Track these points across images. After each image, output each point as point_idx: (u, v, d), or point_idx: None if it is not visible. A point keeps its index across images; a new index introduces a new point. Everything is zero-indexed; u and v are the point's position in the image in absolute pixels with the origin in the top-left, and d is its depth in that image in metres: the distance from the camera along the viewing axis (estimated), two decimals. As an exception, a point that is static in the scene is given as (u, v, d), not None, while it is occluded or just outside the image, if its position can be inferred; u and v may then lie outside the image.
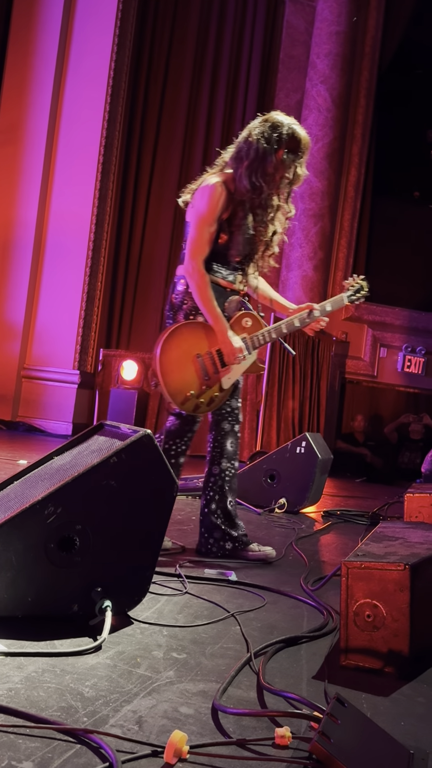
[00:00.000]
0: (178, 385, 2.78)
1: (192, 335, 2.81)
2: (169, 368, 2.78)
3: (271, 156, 2.71)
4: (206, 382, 2.80)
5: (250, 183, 2.71)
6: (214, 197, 2.73)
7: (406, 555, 1.92)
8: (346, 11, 8.82)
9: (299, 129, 2.78)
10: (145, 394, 7.66)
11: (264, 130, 2.74)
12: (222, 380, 2.84)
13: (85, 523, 1.85)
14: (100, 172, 7.88)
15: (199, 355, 2.80)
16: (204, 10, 8.72)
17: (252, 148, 2.73)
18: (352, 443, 9.13)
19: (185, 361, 2.79)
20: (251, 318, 2.91)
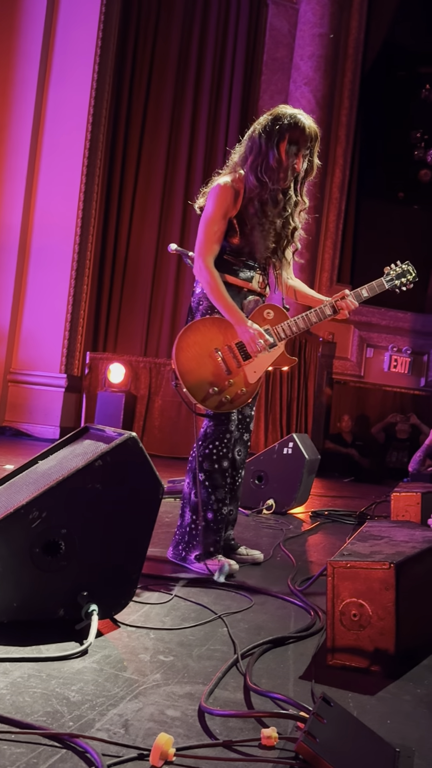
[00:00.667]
0: (197, 382, 2.66)
1: (208, 330, 2.70)
2: (188, 366, 2.67)
3: (272, 150, 2.62)
4: (228, 377, 2.68)
5: (256, 179, 2.64)
6: (220, 196, 2.66)
7: (391, 554, 1.93)
8: (329, 13, 8.86)
9: (304, 118, 2.66)
10: (132, 397, 7.64)
11: (266, 124, 2.66)
12: (247, 374, 2.71)
13: (71, 527, 1.84)
14: (84, 174, 7.86)
15: (217, 349, 2.68)
16: (187, 13, 8.73)
17: (255, 143, 2.66)
18: (340, 443, 9.15)
19: (203, 357, 2.68)
20: (273, 309, 2.78)
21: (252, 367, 2.72)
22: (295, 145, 2.64)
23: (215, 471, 2.76)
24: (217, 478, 2.76)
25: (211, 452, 2.76)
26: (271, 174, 2.64)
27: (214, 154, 8.78)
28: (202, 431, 2.81)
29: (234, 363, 2.69)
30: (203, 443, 2.78)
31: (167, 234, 8.54)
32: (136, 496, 1.98)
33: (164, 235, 8.57)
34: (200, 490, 2.76)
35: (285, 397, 8.35)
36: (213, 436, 2.77)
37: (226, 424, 2.77)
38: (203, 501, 2.76)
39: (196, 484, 2.77)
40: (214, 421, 2.77)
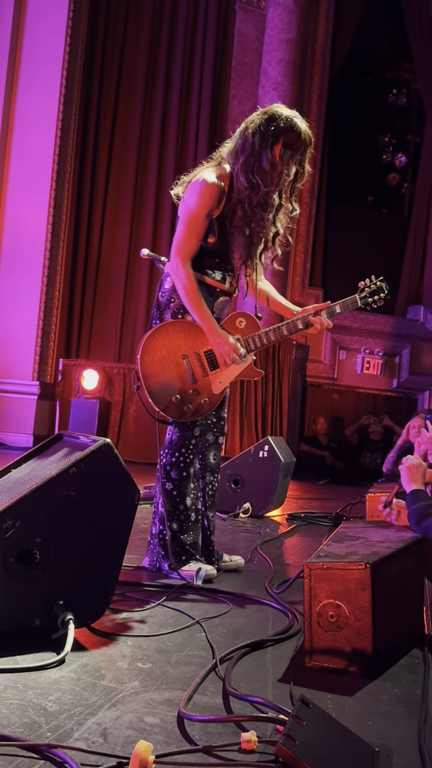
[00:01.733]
0: (161, 388, 2.58)
1: (177, 334, 2.61)
2: (152, 370, 2.57)
3: (266, 151, 2.52)
4: (193, 386, 2.60)
5: (246, 180, 2.54)
6: (205, 194, 2.56)
7: (367, 554, 1.94)
8: (296, 19, 8.94)
9: (299, 122, 2.57)
10: (106, 404, 7.60)
11: (260, 123, 2.54)
12: (212, 384, 2.64)
13: (45, 536, 1.82)
14: (54, 180, 7.82)
15: (185, 356, 2.60)
16: (155, 19, 8.74)
17: (247, 142, 2.55)
18: (315, 446, 9.21)
19: (169, 362, 2.59)
20: (246, 318, 2.71)
21: (218, 378, 2.65)
22: (290, 150, 2.56)
23: (183, 479, 2.72)
24: (186, 485, 2.73)
25: (178, 460, 2.71)
26: (264, 176, 2.55)
27: (184, 160, 8.79)
28: (167, 438, 2.76)
29: (200, 371, 2.62)
30: (169, 451, 2.72)
31: (139, 239, 8.52)
32: (111, 503, 1.97)
33: (136, 240, 8.55)
34: (166, 499, 2.73)
35: (260, 401, 8.38)
36: (179, 443, 2.71)
37: (191, 430, 2.72)
38: (169, 510, 2.72)
39: (163, 494, 2.74)
40: (179, 427, 2.71)
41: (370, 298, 2.81)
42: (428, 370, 10.04)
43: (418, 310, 10.02)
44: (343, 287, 10.10)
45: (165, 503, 2.73)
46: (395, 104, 10.51)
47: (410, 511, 2.32)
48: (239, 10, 9.20)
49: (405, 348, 9.90)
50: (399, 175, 10.51)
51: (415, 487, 2.39)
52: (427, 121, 10.31)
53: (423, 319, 9.97)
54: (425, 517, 2.25)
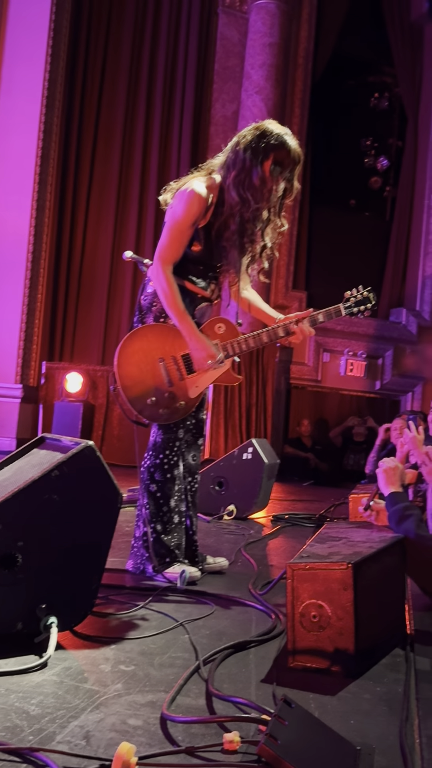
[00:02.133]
0: (137, 390, 2.60)
1: (155, 337, 2.64)
2: (129, 371, 2.61)
3: (257, 167, 2.55)
4: (169, 389, 2.62)
5: (238, 195, 2.58)
6: (193, 203, 2.58)
7: (349, 554, 1.95)
8: (279, 23, 8.98)
9: (290, 140, 2.60)
10: (90, 407, 7.58)
11: (252, 139, 2.58)
12: (188, 388, 2.65)
13: (28, 540, 1.81)
14: (37, 183, 7.79)
15: (161, 359, 2.63)
16: (138, 21, 8.74)
17: (239, 157, 2.59)
18: (299, 448, 9.24)
19: (146, 365, 2.61)
20: (225, 324, 2.72)
21: (194, 382, 2.67)
22: (279, 166, 2.59)
23: (167, 480, 2.73)
24: (170, 487, 2.74)
25: (162, 462, 2.72)
26: (254, 192, 2.58)
27: (167, 162, 8.79)
28: (151, 440, 2.77)
29: (177, 375, 2.64)
30: (153, 453, 2.74)
31: (122, 241, 8.51)
32: (94, 506, 1.96)
33: (119, 242, 8.53)
34: (150, 501, 2.73)
35: (244, 403, 8.39)
36: (162, 445, 2.73)
37: (175, 432, 2.73)
38: (153, 512, 2.72)
39: (147, 496, 2.74)
40: (163, 429, 2.73)
41: (356, 308, 2.82)
42: (411, 372, 10.12)
43: (400, 313, 10.10)
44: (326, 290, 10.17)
45: (149, 504, 2.74)
46: (377, 108, 10.59)
47: (390, 513, 2.34)
48: (222, 13, 9.23)
49: (388, 350, 9.96)
50: (381, 179, 10.59)
51: (393, 489, 2.42)
52: (408, 125, 10.41)
53: (405, 321, 10.04)
54: (404, 518, 2.27)
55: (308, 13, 9.61)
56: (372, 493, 2.64)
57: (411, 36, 10.28)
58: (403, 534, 2.26)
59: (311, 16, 9.63)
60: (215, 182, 2.67)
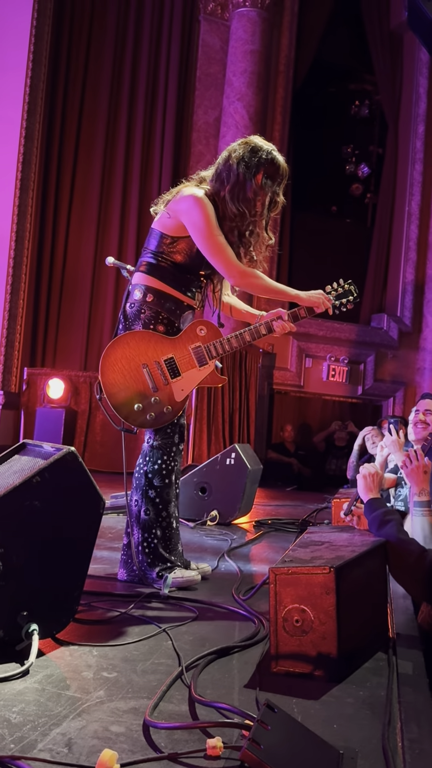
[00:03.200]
0: (123, 397, 2.61)
1: (137, 344, 2.65)
2: (114, 379, 2.62)
3: (250, 181, 2.67)
4: (154, 394, 2.63)
5: (236, 208, 2.67)
6: (206, 208, 2.66)
7: (331, 558, 1.96)
8: (260, 30, 9.03)
9: (278, 155, 2.75)
10: (72, 413, 7.54)
11: (244, 154, 2.69)
12: (174, 391, 2.66)
13: (9, 546, 1.80)
14: (18, 189, 7.75)
15: (145, 364, 2.64)
16: (119, 29, 8.75)
17: (232, 171, 2.68)
18: (283, 453, 9.26)
19: (131, 371, 2.63)
20: (206, 326, 2.73)
21: (180, 385, 2.68)
22: (269, 180, 2.72)
23: (166, 486, 2.75)
24: (169, 492, 2.76)
25: (161, 467, 2.74)
26: (248, 205, 2.69)
27: (150, 168, 8.79)
28: (146, 447, 2.78)
29: (161, 380, 2.65)
30: (150, 459, 2.75)
31: (105, 247, 8.49)
32: (76, 513, 1.96)
33: (102, 248, 8.51)
34: (149, 506, 2.74)
35: (227, 409, 8.39)
36: (160, 451, 2.75)
37: (172, 437, 2.75)
38: (153, 518, 2.73)
39: (146, 502, 2.75)
40: (160, 434, 2.74)
41: (337, 301, 2.85)
42: (392, 377, 10.19)
43: (381, 318, 10.17)
44: (308, 295, 10.09)
45: (148, 510, 2.74)
46: (358, 115, 10.68)
47: (370, 520, 2.36)
48: (203, 20, 9.27)
49: (369, 355, 10.03)
50: (362, 186, 10.67)
51: (371, 496, 2.44)
52: (389, 133, 10.50)
53: (386, 327, 10.11)
54: (385, 523, 2.29)
55: (289, 21, 9.68)
56: (352, 498, 2.66)
57: (391, 44, 10.39)
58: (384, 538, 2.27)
59: (292, 23, 9.71)
60: (208, 192, 2.72)
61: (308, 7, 9.84)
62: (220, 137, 9.05)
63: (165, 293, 2.72)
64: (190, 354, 2.69)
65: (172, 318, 2.72)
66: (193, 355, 2.69)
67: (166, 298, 2.72)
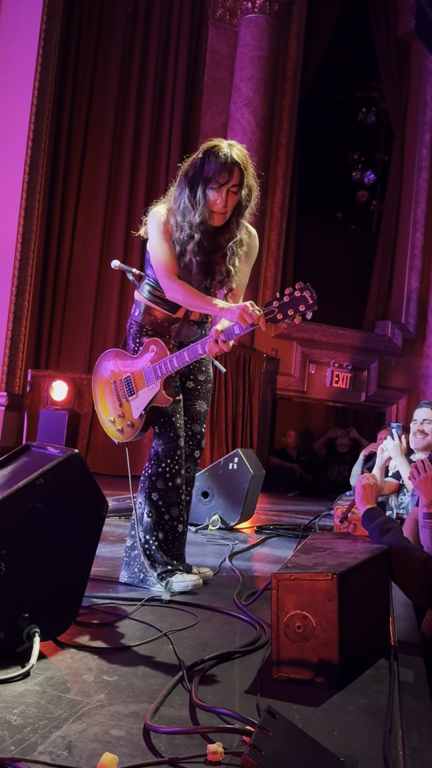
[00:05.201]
0: (100, 411, 2.83)
1: (108, 362, 2.84)
2: (96, 393, 2.85)
3: (185, 189, 2.53)
4: (119, 410, 2.76)
5: (174, 221, 2.58)
6: (158, 225, 2.63)
7: (334, 565, 1.95)
8: (268, 37, 9.07)
9: (224, 149, 2.47)
10: (75, 415, 7.54)
11: (190, 160, 2.58)
12: (132, 410, 2.72)
13: (11, 548, 1.80)
14: (25, 191, 7.78)
15: (113, 381, 2.79)
16: (128, 33, 8.78)
17: (179, 182, 2.59)
18: (285, 458, 9.25)
19: (106, 387, 2.82)
20: (156, 345, 2.66)
21: (135, 404, 2.72)
22: (213, 182, 2.48)
23: (169, 489, 2.75)
24: (172, 496, 2.76)
25: (164, 470, 2.75)
26: (187, 214, 2.53)
27: (156, 173, 8.82)
28: (152, 451, 2.80)
29: (122, 397, 2.76)
30: (155, 462, 2.76)
31: (110, 250, 8.51)
32: (79, 515, 1.95)
33: (107, 252, 8.53)
34: (152, 509, 2.74)
35: (230, 413, 8.39)
36: (164, 454, 2.76)
37: (176, 441, 2.77)
38: (155, 521, 2.74)
39: (149, 504, 2.75)
40: (164, 439, 2.76)
41: (279, 313, 2.38)
42: (396, 384, 10.18)
43: (385, 325, 10.17)
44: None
45: (151, 513, 2.75)
46: (364, 122, 10.71)
47: (370, 530, 2.36)
48: (212, 26, 9.31)
49: (373, 362, 10.02)
50: (368, 193, 10.68)
51: (369, 506, 2.44)
52: (395, 140, 10.52)
53: (390, 334, 10.11)
54: (385, 532, 2.29)
55: (297, 28, 9.71)
56: (349, 505, 2.65)
57: (398, 52, 10.42)
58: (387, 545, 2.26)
59: (300, 30, 9.74)
60: (170, 207, 2.67)
61: (316, 15, 9.87)
62: (227, 142, 9.07)
63: (146, 306, 2.80)
64: (142, 373, 2.67)
65: (155, 329, 2.77)
66: (143, 374, 2.66)
67: (146, 311, 2.79)
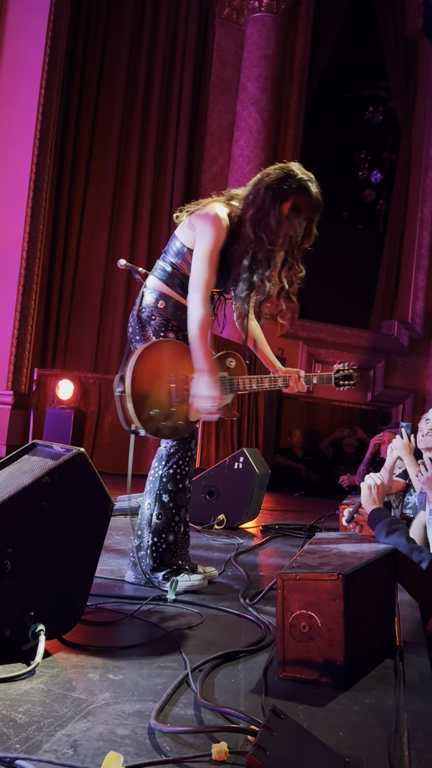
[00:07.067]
0: (143, 401, 2.58)
1: (172, 354, 2.65)
2: (142, 378, 2.57)
3: (275, 209, 2.58)
4: (173, 406, 2.61)
5: (253, 233, 2.60)
6: (218, 232, 2.60)
7: (339, 565, 1.95)
8: (275, 36, 9.05)
9: (313, 187, 2.65)
10: (81, 414, 7.55)
11: (274, 180, 2.61)
12: (190, 410, 2.64)
13: (17, 546, 1.80)
14: (32, 190, 7.78)
15: (174, 375, 2.62)
16: (135, 32, 8.79)
17: (259, 196, 2.61)
18: (291, 458, 9.24)
19: (159, 377, 2.61)
20: (236, 360, 2.80)
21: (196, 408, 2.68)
22: (296, 212, 2.62)
23: (179, 491, 2.76)
24: (182, 497, 2.77)
25: (176, 472, 2.75)
26: (269, 233, 2.60)
27: (163, 172, 8.82)
28: (163, 451, 2.78)
29: (184, 395, 2.63)
30: (166, 463, 2.76)
31: (117, 250, 8.52)
32: (84, 514, 1.96)
33: (114, 250, 8.54)
34: (162, 511, 2.74)
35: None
36: (177, 456, 2.76)
37: (189, 443, 2.77)
38: (165, 522, 2.74)
39: (159, 506, 2.75)
40: (178, 440, 2.75)
41: (342, 381, 3.02)
42: (402, 384, 10.15)
43: (392, 325, 10.14)
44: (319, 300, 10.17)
45: (160, 515, 2.74)
46: (371, 122, 10.68)
47: (376, 530, 2.35)
48: (219, 25, 9.30)
49: (379, 362, 10.00)
50: (374, 192, 10.66)
51: (374, 506, 2.43)
52: (402, 139, 10.50)
53: (397, 333, 10.09)
54: (391, 533, 2.28)
55: (304, 27, 9.69)
56: (356, 505, 2.65)
57: (405, 51, 10.39)
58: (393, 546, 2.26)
59: (307, 29, 9.72)
60: (234, 211, 2.69)
61: (323, 13, 9.85)
62: (234, 141, 9.07)
63: (177, 302, 2.72)
64: (215, 380, 2.64)
65: (181, 326, 2.73)
66: (218, 382, 2.66)
67: (177, 306, 2.72)
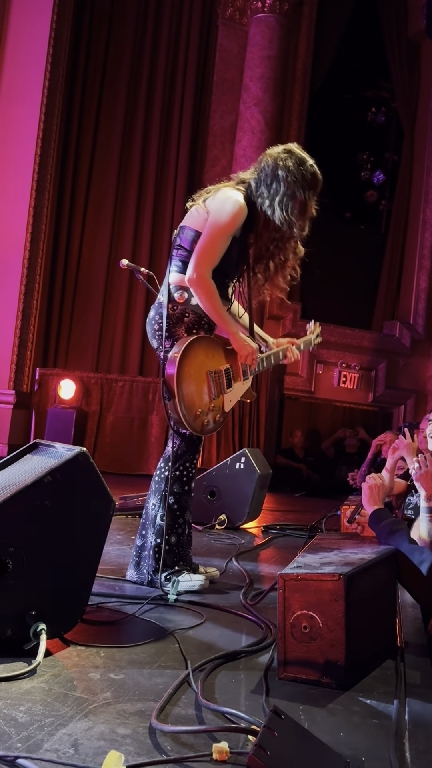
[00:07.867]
0: (191, 401, 2.61)
1: (207, 350, 2.69)
2: (188, 382, 2.61)
3: (300, 192, 2.69)
4: (212, 402, 2.68)
5: (284, 218, 2.67)
6: (239, 213, 2.64)
7: (341, 565, 1.95)
8: (278, 36, 9.04)
9: (317, 169, 2.79)
10: (83, 414, 7.56)
11: (292, 165, 2.69)
12: (225, 403, 2.74)
13: (19, 545, 1.81)
14: (34, 190, 7.79)
15: (210, 371, 2.68)
16: (138, 33, 8.78)
17: (280, 180, 2.67)
18: (292, 458, 9.23)
19: (198, 376, 2.65)
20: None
21: (229, 396, 2.77)
22: (312, 192, 2.75)
23: (184, 493, 2.77)
24: (186, 500, 2.78)
25: (182, 474, 2.77)
26: (298, 217, 2.71)
27: (165, 171, 8.81)
28: (169, 452, 2.77)
29: (220, 389, 2.71)
30: (173, 465, 2.76)
31: (119, 249, 8.51)
32: (86, 513, 1.96)
33: (116, 250, 8.54)
34: (167, 512, 2.74)
35: (237, 413, 8.38)
36: (184, 458, 2.77)
37: (197, 445, 2.79)
38: (169, 524, 2.74)
39: (164, 507, 2.75)
40: (186, 442, 2.76)
41: (317, 339, 3.37)
42: (404, 385, 10.14)
43: (394, 326, 10.13)
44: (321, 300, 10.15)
45: (165, 516, 2.74)
46: (374, 122, 10.67)
47: (377, 531, 2.35)
48: (222, 25, 9.29)
49: (381, 362, 9.99)
50: (377, 193, 10.64)
51: (375, 507, 2.43)
52: (405, 140, 10.48)
53: (399, 334, 10.07)
54: (392, 534, 2.28)
55: (307, 27, 9.68)
56: (357, 506, 2.65)
57: (408, 52, 10.38)
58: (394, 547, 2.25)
59: (310, 30, 9.71)
60: (246, 196, 2.71)
61: (326, 14, 9.84)
62: (236, 142, 9.06)
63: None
64: (239, 367, 2.81)
65: (212, 323, 2.77)
66: (240, 368, 2.81)
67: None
